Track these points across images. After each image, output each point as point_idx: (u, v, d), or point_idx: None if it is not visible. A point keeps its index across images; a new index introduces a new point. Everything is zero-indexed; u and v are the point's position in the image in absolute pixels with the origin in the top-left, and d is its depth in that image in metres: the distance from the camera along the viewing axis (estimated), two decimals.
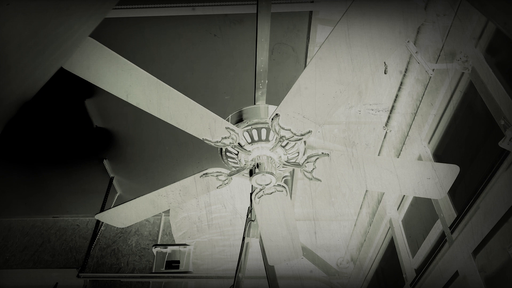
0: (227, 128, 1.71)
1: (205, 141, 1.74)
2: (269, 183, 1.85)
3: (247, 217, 2.75)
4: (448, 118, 2.57)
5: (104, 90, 1.59)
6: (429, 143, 2.81)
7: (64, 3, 1.07)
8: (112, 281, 4.79)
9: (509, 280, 1.91)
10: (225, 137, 1.74)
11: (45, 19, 1.00)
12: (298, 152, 1.87)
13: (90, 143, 3.99)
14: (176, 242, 4.27)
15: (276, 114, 1.59)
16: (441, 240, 2.50)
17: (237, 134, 1.74)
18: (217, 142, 1.76)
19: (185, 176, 1.98)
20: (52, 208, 5.20)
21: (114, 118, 3.71)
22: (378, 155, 3.08)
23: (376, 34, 1.28)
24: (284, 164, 1.89)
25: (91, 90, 3.38)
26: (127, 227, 5.24)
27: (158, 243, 4.95)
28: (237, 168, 1.94)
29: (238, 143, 1.81)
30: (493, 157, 1.97)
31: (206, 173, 1.98)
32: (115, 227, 5.23)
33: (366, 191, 3.47)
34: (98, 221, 4.62)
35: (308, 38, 2.85)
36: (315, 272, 3.94)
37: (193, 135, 1.72)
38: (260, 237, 2.52)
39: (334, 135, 3.33)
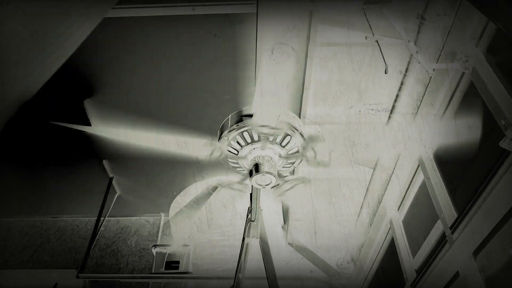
0: (205, 144, 1.74)
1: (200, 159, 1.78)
2: (269, 183, 1.85)
3: (247, 217, 2.74)
4: (449, 118, 2.56)
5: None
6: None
7: (63, 3, 1.07)
8: (111, 281, 4.78)
9: (510, 281, 1.91)
10: (212, 151, 1.78)
11: (44, 19, 1.00)
12: (298, 147, 1.88)
13: (90, 143, 3.98)
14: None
15: (251, 115, 1.61)
16: (442, 240, 2.49)
17: (219, 146, 1.77)
18: (208, 156, 1.79)
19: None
20: (52, 208, 5.19)
21: (114, 118, 3.70)
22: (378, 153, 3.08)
23: None
24: (286, 158, 1.89)
25: (91, 90, 3.37)
26: (127, 227, 5.24)
27: (158, 243, 4.94)
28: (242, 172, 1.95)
29: (229, 151, 1.82)
30: (493, 157, 1.96)
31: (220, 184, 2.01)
32: (114, 227, 5.23)
33: (367, 191, 3.47)
34: (97, 222, 4.61)
35: (308, 38, 2.84)
36: (315, 272, 3.94)
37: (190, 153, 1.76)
38: (260, 237, 2.52)
39: (334, 135, 3.32)
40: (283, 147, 1.85)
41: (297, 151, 1.89)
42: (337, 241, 4.20)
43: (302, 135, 1.87)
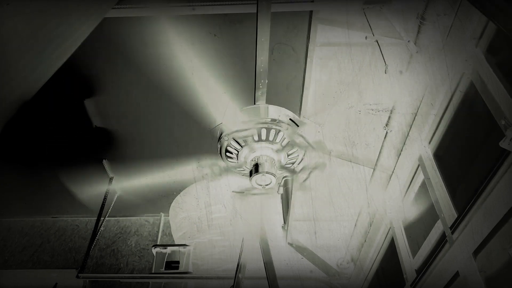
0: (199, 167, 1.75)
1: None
2: (269, 183, 1.86)
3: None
4: (449, 118, 2.56)
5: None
6: (429, 143, 2.81)
7: (63, 3, 1.07)
8: (111, 281, 4.79)
9: (510, 281, 1.91)
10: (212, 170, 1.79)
11: (45, 19, 1.00)
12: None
13: (90, 143, 3.98)
14: (176, 243, 4.27)
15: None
16: (442, 240, 2.49)
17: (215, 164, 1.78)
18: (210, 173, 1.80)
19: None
20: (52, 208, 5.19)
21: (114, 118, 3.70)
22: (378, 155, 3.08)
23: None
24: (283, 151, 1.88)
25: (91, 90, 3.37)
26: (127, 227, 5.25)
27: (158, 243, 4.94)
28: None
29: (228, 162, 1.82)
30: (493, 157, 1.96)
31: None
32: (114, 227, 5.23)
33: (367, 191, 3.47)
34: (97, 222, 4.62)
35: (308, 38, 2.84)
36: (315, 272, 3.94)
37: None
38: (260, 237, 2.52)
39: (334, 135, 3.32)
40: (271, 142, 1.84)
41: (285, 139, 1.88)
42: (337, 241, 4.20)
43: (282, 122, 1.84)
